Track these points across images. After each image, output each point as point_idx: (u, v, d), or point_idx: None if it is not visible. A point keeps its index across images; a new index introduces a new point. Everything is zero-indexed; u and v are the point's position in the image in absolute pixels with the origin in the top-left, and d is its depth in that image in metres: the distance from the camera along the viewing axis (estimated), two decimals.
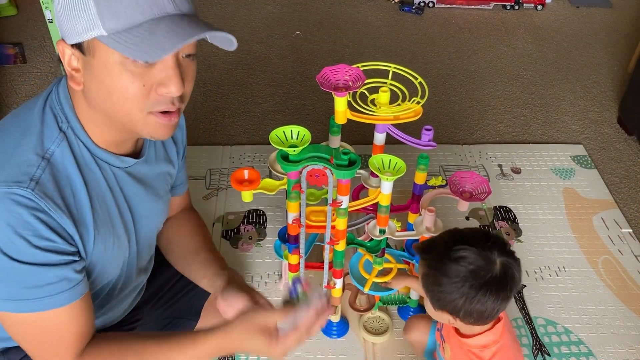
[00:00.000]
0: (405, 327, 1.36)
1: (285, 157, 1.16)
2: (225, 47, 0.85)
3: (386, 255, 1.43)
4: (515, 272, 1.02)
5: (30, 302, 0.81)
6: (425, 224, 1.31)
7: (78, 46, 0.78)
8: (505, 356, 1.08)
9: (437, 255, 1.04)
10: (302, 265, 1.36)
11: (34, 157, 0.81)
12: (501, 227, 1.80)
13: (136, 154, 0.95)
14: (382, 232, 1.30)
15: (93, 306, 0.89)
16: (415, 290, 1.44)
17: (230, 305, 1.00)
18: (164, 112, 0.82)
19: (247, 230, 1.75)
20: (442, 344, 1.20)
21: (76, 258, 0.84)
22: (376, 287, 1.39)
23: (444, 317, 1.08)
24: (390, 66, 1.30)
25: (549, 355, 1.46)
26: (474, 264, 1.00)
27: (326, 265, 1.35)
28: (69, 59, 0.80)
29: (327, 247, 1.32)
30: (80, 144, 0.86)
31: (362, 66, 1.27)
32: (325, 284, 1.38)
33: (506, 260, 1.01)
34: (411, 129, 1.23)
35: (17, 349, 1.02)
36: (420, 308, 1.52)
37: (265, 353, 0.90)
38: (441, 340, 1.20)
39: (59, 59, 0.83)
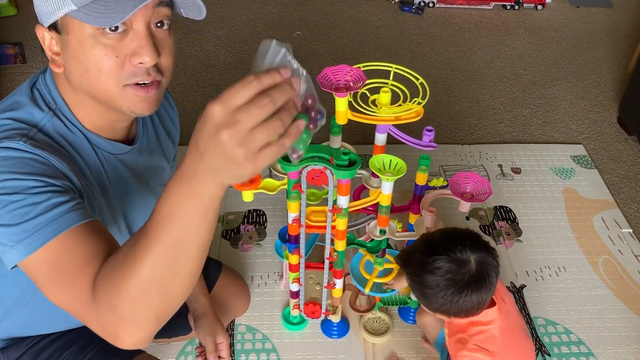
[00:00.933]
0: (419, 311, 1.38)
1: (285, 157, 1.16)
2: (195, 15, 0.85)
3: (387, 256, 1.43)
4: (490, 263, 1.07)
5: (39, 233, 0.74)
6: (426, 225, 1.31)
7: (54, 27, 0.79)
8: (492, 338, 1.10)
9: (414, 270, 1.11)
10: (302, 266, 1.36)
11: (24, 125, 0.81)
12: (501, 227, 1.80)
13: (129, 142, 0.95)
14: (383, 232, 1.30)
15: (108, 233, 0.80)
16: None
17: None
18: (142, 85, 0.81)
19: (247, 230, 1.75)
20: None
21: (69, 188, 0.80)
22: (377, 287, 1.40)
23: (439, 317, 1.15)
24: (391, 66, 1.30)
25: (549, 355, 1.46)
26: (450, 272, 1.05)
27: (326, 266, 1.35)
28: (49, 43, 0.81)
29: (327, 247, 1.32)
30: (70, 125, 0.86)
31: (363, 66, 1.27)
32: (325, 284, 1.38)
33: (479, 255, 1.06)
34: (412, 129, 1.23)
35: (16, 346, 1.02)
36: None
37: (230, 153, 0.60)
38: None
39: (42, 49, 0.84)
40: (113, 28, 0.77)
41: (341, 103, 1.22)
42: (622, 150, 2.14)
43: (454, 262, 1.05)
